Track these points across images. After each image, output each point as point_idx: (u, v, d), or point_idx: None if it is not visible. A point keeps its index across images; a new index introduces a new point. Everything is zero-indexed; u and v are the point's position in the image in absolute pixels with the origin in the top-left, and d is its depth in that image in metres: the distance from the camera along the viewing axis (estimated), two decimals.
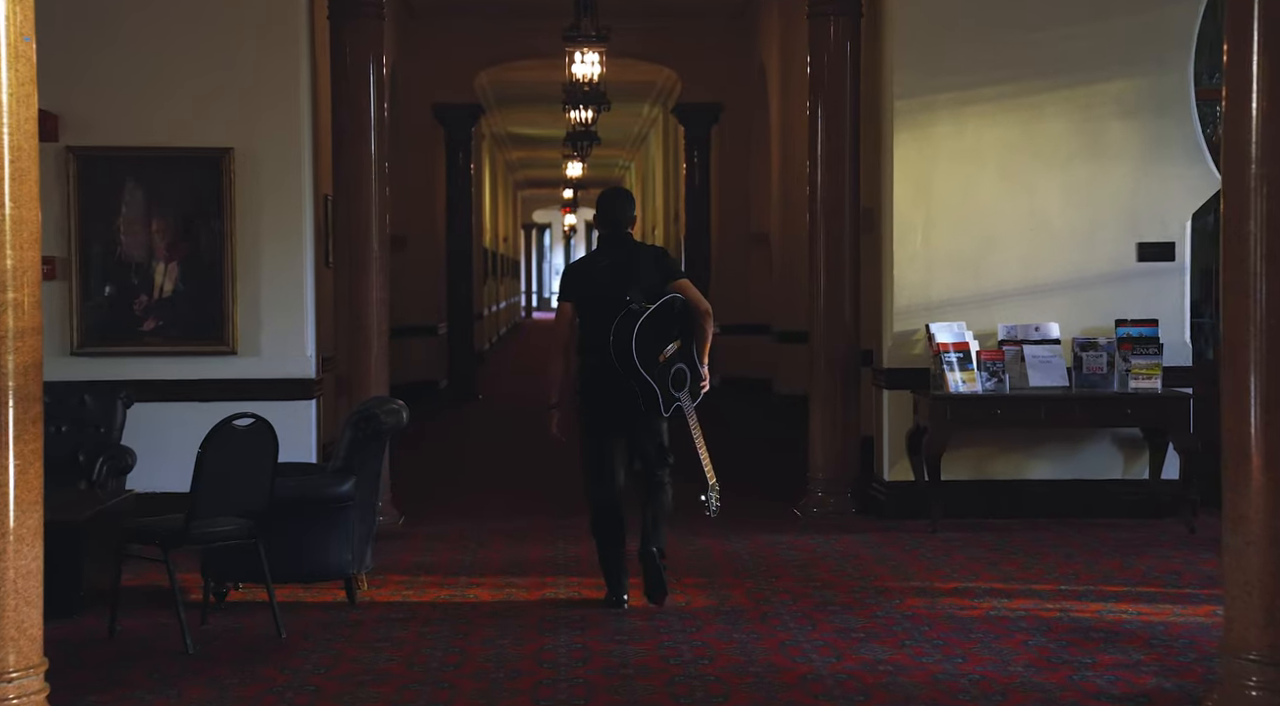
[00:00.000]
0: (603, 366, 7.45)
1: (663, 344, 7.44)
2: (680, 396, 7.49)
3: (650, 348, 7.37)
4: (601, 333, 7.43)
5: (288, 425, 9.85)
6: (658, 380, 7.39)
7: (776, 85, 17.64)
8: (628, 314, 7.36)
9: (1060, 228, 10.30)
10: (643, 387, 7.39)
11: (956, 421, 9.84)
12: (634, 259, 7.63)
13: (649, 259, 7.67)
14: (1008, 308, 10.29)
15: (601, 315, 7.49)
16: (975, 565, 8.72)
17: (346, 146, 10.26)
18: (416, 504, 11.10)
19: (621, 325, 7.33)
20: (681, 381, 7.48)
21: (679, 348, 7.51)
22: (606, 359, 7.40)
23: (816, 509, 10.53)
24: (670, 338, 7.47)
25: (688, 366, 7.52)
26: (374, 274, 10.30)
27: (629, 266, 7.57)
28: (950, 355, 9.92)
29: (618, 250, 7.70)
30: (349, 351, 10.31)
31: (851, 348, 10.58)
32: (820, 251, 10.60)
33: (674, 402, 7.49)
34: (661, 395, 7.42)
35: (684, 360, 7.52)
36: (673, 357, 7.47)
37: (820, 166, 10.56)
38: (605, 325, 7.41)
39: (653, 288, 7.51)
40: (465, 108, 20.30)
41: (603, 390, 7.52)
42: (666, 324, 7.45)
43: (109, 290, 9.90)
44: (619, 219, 7.77)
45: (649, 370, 7.35)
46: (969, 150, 10.30)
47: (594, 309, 7.59)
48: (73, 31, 9.85)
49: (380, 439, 7.83)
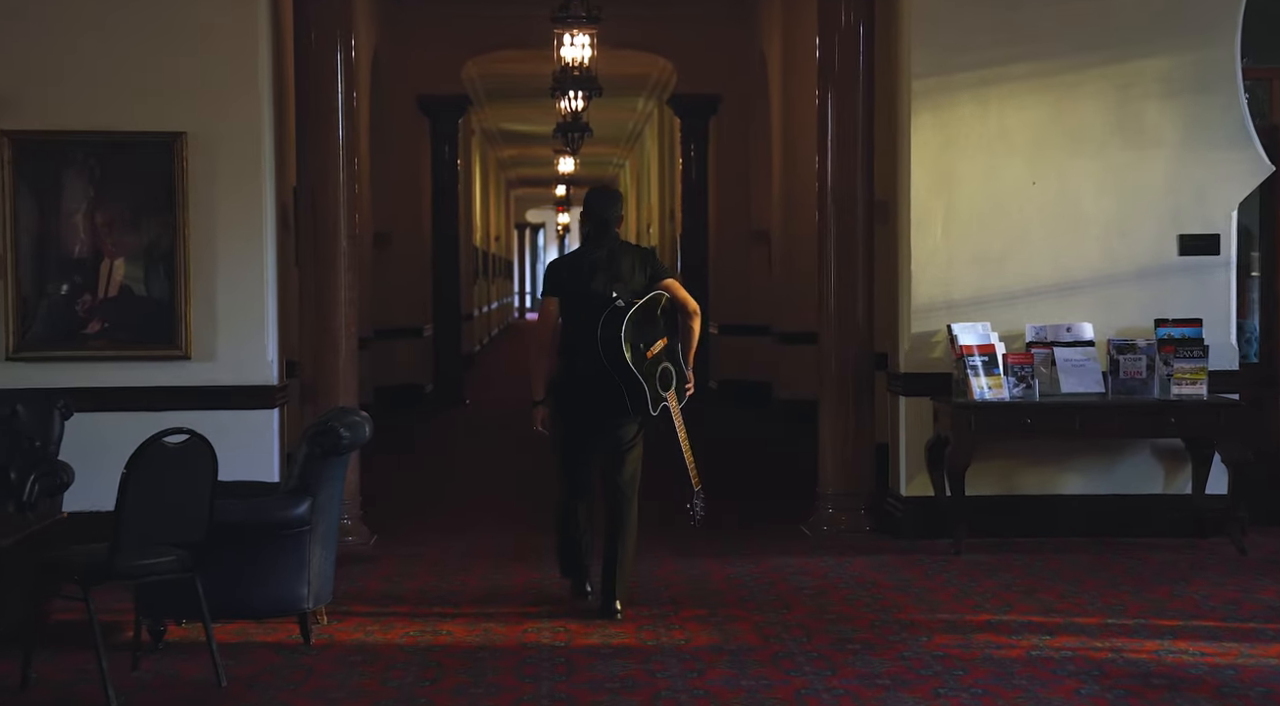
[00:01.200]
0: (584, 365, 7.29)
1: (649, 342, 7.28)
2: (666, 397, 7.33)
3: (638, 345, 7.23)
4: (584, 330, 7.28)
5: (247, 437, 9.07)
6: (646, 378, 7.21)
7: (778, 73, 16.88)
8: (615, 310, 7.19)
9: (1094, 218, 9.40)
10: (630, 386, 7.19)
11: (982, 432, 8.94)
12: (620, 257, 7.49)
13: (636, 258, 7.54)
14: (1036, 306, 9.40)
15: (585, 313, 7.32)
16: (1008, 593, 7.82)
17: (311, 133, 9.38)
18: (392, 520, 10.20)
19: (609, 320, 7.16)
20: (669, 381, 7.34)
21: (665, 346, 7.36)
22: (590, 357, 7.23)
23: (827, 527, 9.64)
24: (657, 335, 7.33)
25: (674, 366, 7.38)
26: (342, 271, 9.41)
27: (615, 265, 7.43)
28: (974, 358, 9.03)
29: (604, 248, 7.53)
30: (314, 356, 9.42)
31: (864, 351, 9.68)
32: (830, 247, 9.70)
33: (661, 402, 7.31)
34: (650, 394, 7.23)
35: (670, 360, 7.37)
36: (659, 356, 7.32)
37: (830, 156, 9.65)
38: (588, 323, 7.26)
39: (639, 287, 7.38)
40: (452, 99, 19.51)
41: (584, 389, 7.34)
42: (653, 322, 7.32)
43: (49, 289, 8.99)
44: (606, 217, 7.59)
45: (637, 367, 7.16)
46: (994, 134, 9.40)
47: (578, 306, 7.41)
48: (5, 3, 8.95)
49: (340, 455, 6.92)
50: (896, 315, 9.62)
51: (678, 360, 7.43)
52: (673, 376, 7.37)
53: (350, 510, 9.43)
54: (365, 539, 9.47)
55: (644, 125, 31.36)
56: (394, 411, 17.64)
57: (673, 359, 7.40)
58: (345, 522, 9.28)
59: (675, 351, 7.44)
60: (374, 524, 9.74)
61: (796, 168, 16.20)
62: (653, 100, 27.37)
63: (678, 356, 7.44)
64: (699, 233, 19.90)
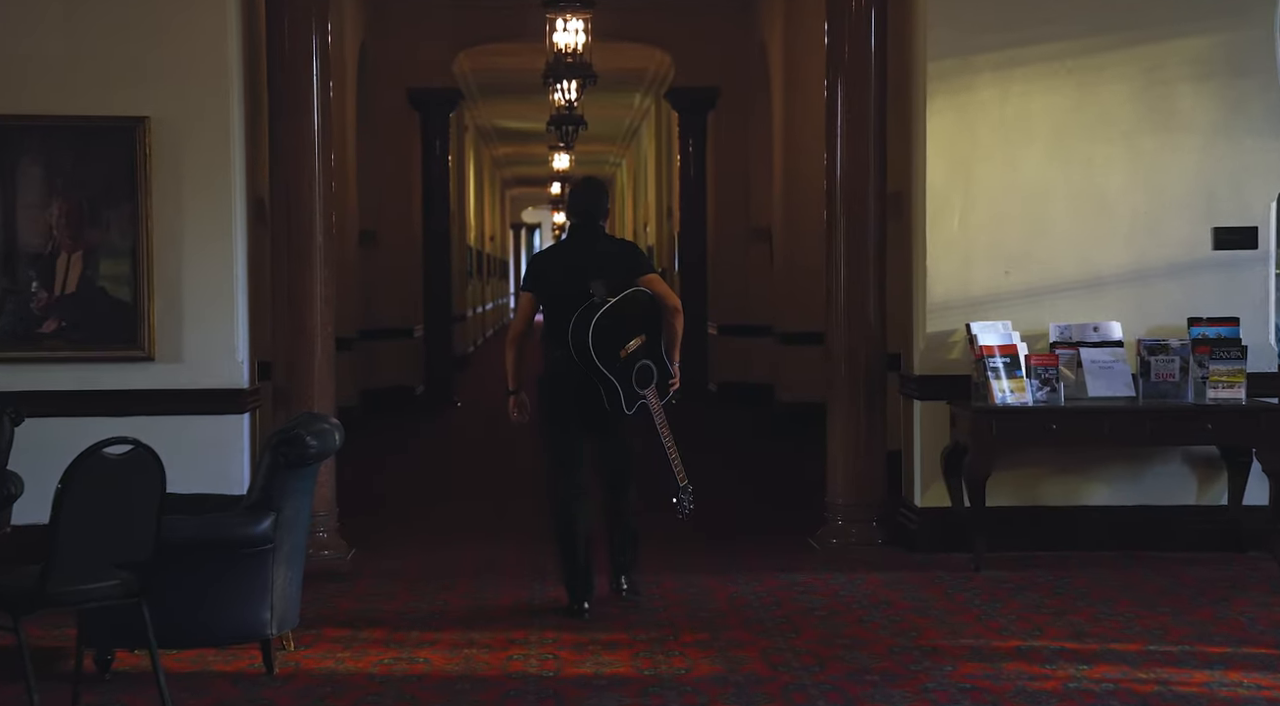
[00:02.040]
0: (566, 361, 7.22)
1: (625, 339, 7.19)
2: (645, 394, 7.23)
3: (611, 342, 7.15)
4: (563, 326, 7.23)
5: (215, 445, 8.49)
6: (619, 376, 7.16)
7: (779, 64, 16.30)
8: (588, 307, 7.13)
9: (1122, 210, 8.79)
10: (604, 384, 7.16)
11: (1004, 439, 8.32)
12: (603, 252, 7.41)
13: (618, 252, 7.48)
14: (1060, 304, 8.79)
15: (565, 308, 7.26)
16: (1037, 615, 7.20)
17: (285, 120, 8.78)
18: (372, 532, 9.58)
19: (580, 318, 7.12)
20: (647, 379, 7.24)
21: (644, 343, 7.26)
22: (567, 354, 7.20)
23: (836, 539, 9.02)
24: (633, 333, 7.22)
25: (655, 364, 7.28)
26: (318, 268, 8.81)
27: (596, 259, 7.34)
28: (995, 360, 8.41)
29: (586, 242, 7.47)
30: (288, 358, 8.82)
31: (877, 352, 9.06)
32: (840, 241, 9.08)
33: (638, 400, 7.24)
34: (623, 392, 7.18)
35: (650, 357, 7.28)
36: (636, 354, 7.22)
37: (840, 145, 9.04)
38: (566, 318, 7.20)
39: (620, 282, 7.27)
40: (442, 92, 18.93)
41: (567, 386, 7.28)
42: (629, 319, 7.22)
43: (2, 286, 8.38)
44: (590, 209, 7.52)
45: (608, 365, 7.13)
46: (1015, 120, 8.79)
47: (558, 301, 7.35)
48: None
49: (307, 466, 6.30)
50: (910, 314, 9.01)
51: (660, 357, 7.32)
52: (653, 374, 7.26)
53: (325, 522, 8.84)
54: (342, 553, 8.86)
55: (641, 122, 30.78)
56: (381, 414, 17.04)
57: (653, 356, 7.28)
58: (320, 535, 8.73)
59: (656, 348, 7.32)
60: (352, 536, 9.14)
61: (799, 161, 15.65)
62: (649, 96, 26.81)
63: (660, 354, 7.33)
64: (697, 230, 19.36)
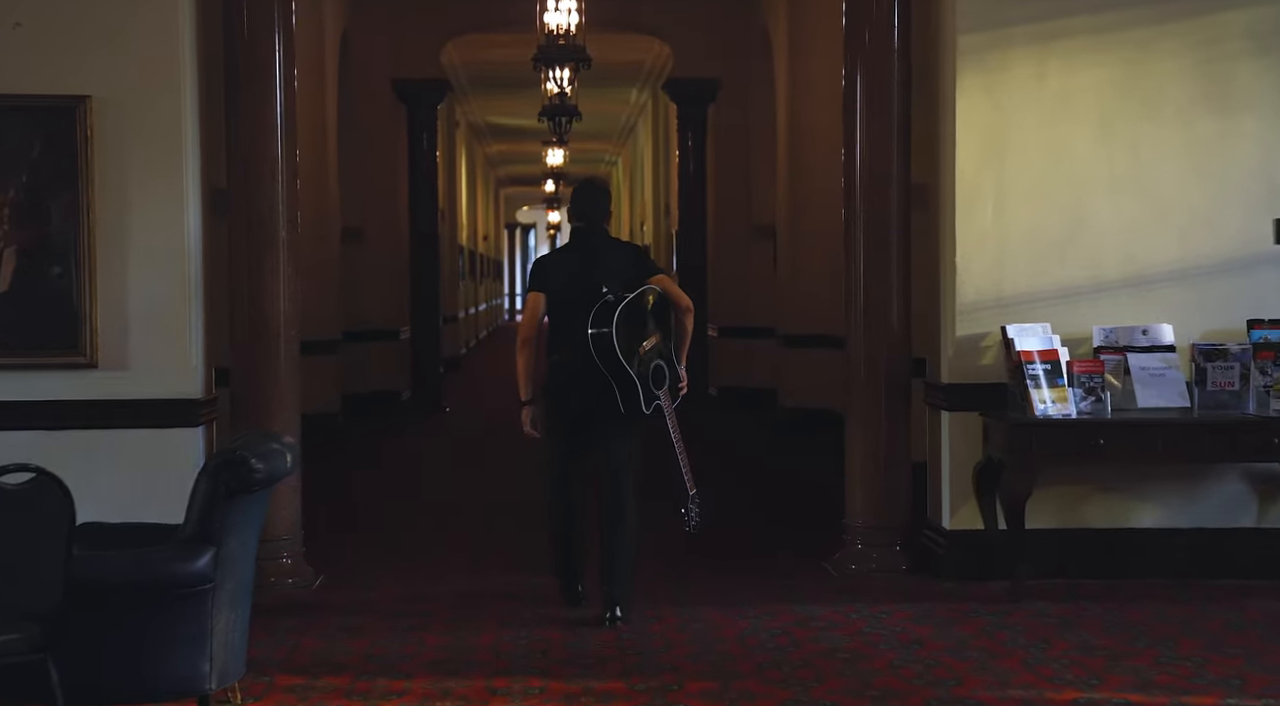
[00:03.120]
0: (574, 363, 7.02)
1: (640, 338, 7.03)
2: (660, 395, 7.08)
3: (631, 340, 6.97)
4: (572, 328, 7.02)
5: (166, 462, 7.61)
6: (639, 375, 6.96)
7: (784, 53, 15.52)
8: (605, 304, 6.94)
9: (1174, 199, 7.93)
10: (623, 384, 6.95)
11: (1045, 454, 7.45)
12: (609, 254, 7.27)
13: (625, 254, 7.35)
14: (1105, 304, 7.93)
15: (573, 309, 7.06)
16: (1091, 659, 6.31)
17: (241, 98, 7.90)
18: (346, 555, 8.73)
19: (600, 315, 6.91)
20: (661, 379, 7.10)
21: (657, 343, 7.13)
22: (579, 355, 6.96)
23: (855, 565, 8.16)
24: (648, 332, 7.08)
25: (666, 364, 7.15)
26: (281, 264, 7.95)
27: (603, 260, 7.19)
28: (1035, 366, 7.54)
29: (591, 244, 7.31)
30: (247, 364, 7.96)
31: (901, 357, 8.20)
32: (860, 237, 8.21)
33: (655, 400, 7.07)
34: (643, 392, 6.99)
35: (662, 357, 7.14)
36: (651, 353, 7.08)
37: (860, 131, 8.18)
38: (576, 320, 6.99)
39: (628, 283, 7.11)
40: (430, 84, 18.10)
41: (574, 389, 7.09)
42: (643, 318, 7.08)
43: None
44: (593, 211, 7.34)
45: (631, 364, 6.92)
46: (1055, 99, 7.93)
47: (565, 303, 7.15)
48: None
49: (252, 493, 5.42)
50: (938, 315, 8.14)
51: (670, 358, 7.19)
52: (665, 375, 7.13)
53: (289, 547, 8.00)
54: (307, 580, 8.00)
55: (637, 118, 29.99)
56: (365, 421, 16.17)
57: (665, 357, 7.16)
58: (283, 561, 7.89)
59: (667, 349, 7.19)
60: (321, 559, 8.28)
61: (805, 155, 14.89)
62: (646, 91, 26.04)
63: (670, 354, 7.20)
64: (696, 229, 18.59)
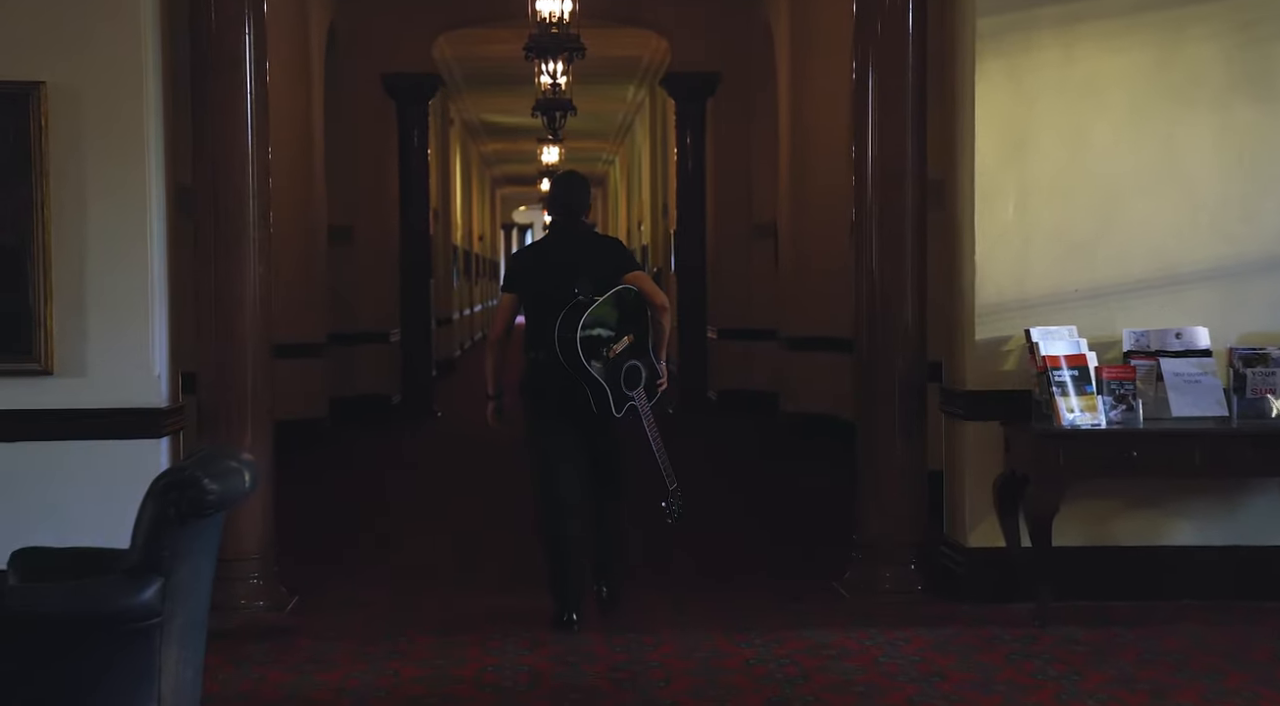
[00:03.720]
0: (550, 363, 6.93)
1: (613, 339, 6.94)
2: (634, 395, 6.99)
3: (598, 342, 6.89)
4: (545, 327, 6.94)
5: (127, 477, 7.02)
6: (607, 378, 6.91)
7: (786, 46, 15.07)
8: (574, 307, 6.86)
9: (1210, 192, 7.40)
10: (592, 386, 6.91)
11: (1074, 468, 6.90)
12: (586, 249, 7.15)
13: (603, 249, 7.22)
14: (1136, 305, 7.40)
15: (548, 308, 6.97)
16: (1131, 695, 5.76)
17: (209, 87, 7.36)
18: (322, 573, 8.20)
19: (567, 318, 6.85)
20: (635, 379, 7.00)
21: (632, 343, 7.01)
22: (551, 355, 6.90)
23: (867, 584, 7.62)
24: (621, 332, 6.98)
25: (643, 364, 7.04)
26: (251, 264, 7.41)
27: (580, 256, 7.07)
28: (1062, 373, 6.99)
29: (569, 239, 7.21)
30: (215, 370, 7.42)
31: (916, 362, 7.66)
32: (872, 235, 7.67)
33: (626, 402, 6.98)
34: (612, 394, 6.92)
35: (639, 357, 7.04)
36: (624, 354, 6.98)
37: (872, 125, 7.63)
38: (549, 319, 6.92)
39: (605, 280, 7.01)
40: (420, 78, 17.60)
41: (551, 389, 6.99)
42: (617, 317, 6.97)
43: None
44: (572, 204, 7.23)
45: (596, 366, 6.87)
46: (1082, 85, 7.39)
47: (541, 301, 7.04)
48: None
49: (204, 517, 4.87)
50: (956, 318, 7.60)
51: (648, 358, 7.08)
52: (641, 374, 7.01)
53: (259, 566, 7.47)
54: (279, 603, 7.46)
55: (634, 116, 29.51)
56: (353, 426, 15.63)
57: (642, 357, 7.03)
58: (254, 582, 7.37)
59: (645, 348, 7.06)
60: (296, 579, 7.75)
61: (808, 151, 14.44)
62: (644, 87, 25.57)
63: (648, 354, 7.08)
64: (696, 228, 18.10)
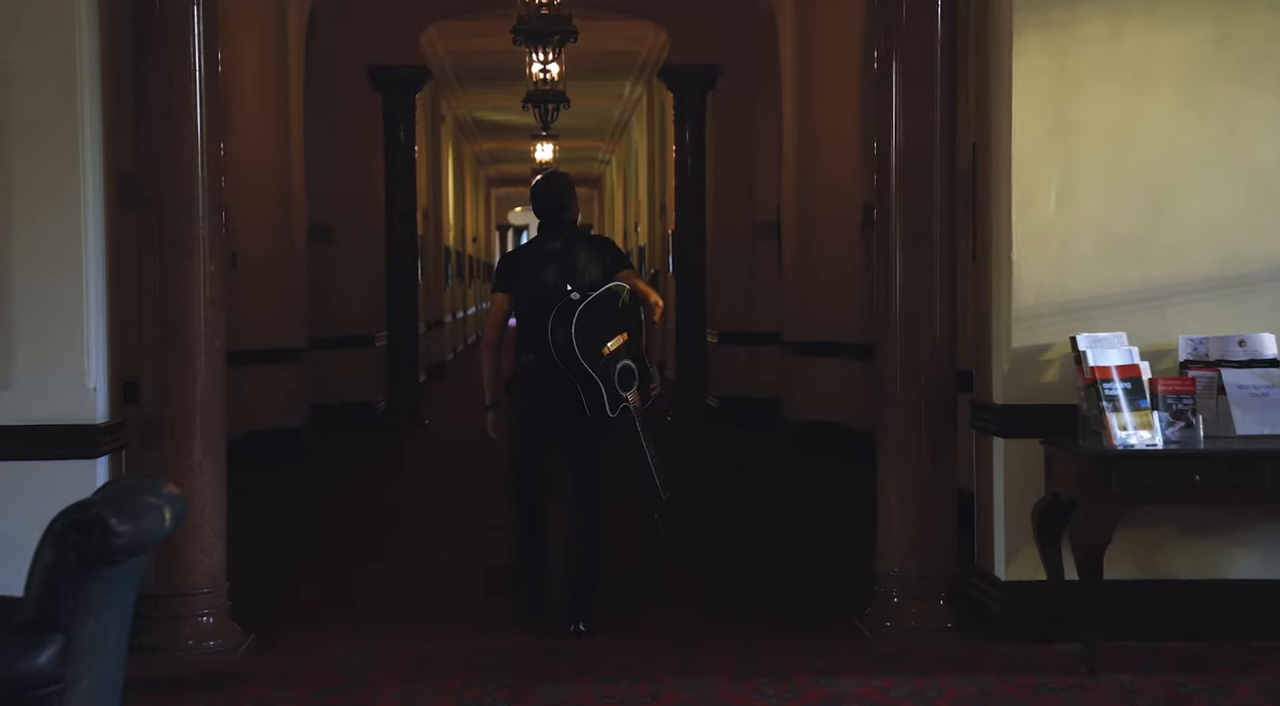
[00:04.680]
0: (541, 364, 6.82)
1: (606, 338, 6.79)
2: (627, 396, 6.83)
3: (594, 340, 6.76)
4: (537, 327, 6.82)
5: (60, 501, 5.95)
6: (602, 376, 6.76)
7: (791, 35, 14.36)
8: (567, 304, 6.77)
9: (1277, 181, 6.60)
10: (586, 385, 6.76)
11: (1130, 493, 6.07)
12: (576, 249, 7.02)
13: (593, 249, 7.07)
14: (1193, 309, 6.61)
15: (538, 308, 6.87)
16: None
17: (152, 59, 6.57)
18: (284, 606, 7.40)
19: (561, 315, 6.75)
20: (629, 380, 6.85)
21: (625, 343, 6.87)
22: (545, 355, 6.80)
23: (891, 622, 6.81)
24: (615, 331, 6.83)
25: (636, 364, 6.88)
26: (200, 263, 6.64)
27: (569, 256, 6.98)
28: (1114, 385, 6.18)
29: (558, 239, 7.06)
30: (160, 380, 6.63)
31: (945, 371, 6.85)
32: (895, 232, 6.86)
33: (620, 403, 6.82)
34: (607, 393, 6.76)
35: (632, 357, 6.88)
36: (618, 353, 6.83)
37: (895, 112, 6.81)
38: (541, 319, 6.81)
39: (596, 279, 6.93)
40: (407, 70, 16.81)
41: (540, 390, 6.87)
42: (610, 316, 6.83)
43: None
44: (556, 205, 7.12)
45: (593, 365, 6.72)
46: (1132, 63, 6.59)
47: (531, 301, 6.93)
48: None
49: (112, 565, 4.07)
50: (989, 323, 6.81)
51: (641, 358, 6.94)
52: (634, 375, 6.87)
53: (211, 602, 6.67)
54: (232, 642, 6.66)
55: (631, 113, 28.75)
56: (335, 434, 14.84)
57: (634, 356, 6.90)
58: (204, 621, 6.62)
59: (637, 348, 6.94)
60: (255, 613, 6.96)
61: (815, 145, 13.74)
62: (641, 84, 24.85)
63: (640, 354, 6.96)
64: (695, 228, 17.29)
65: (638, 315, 6.94)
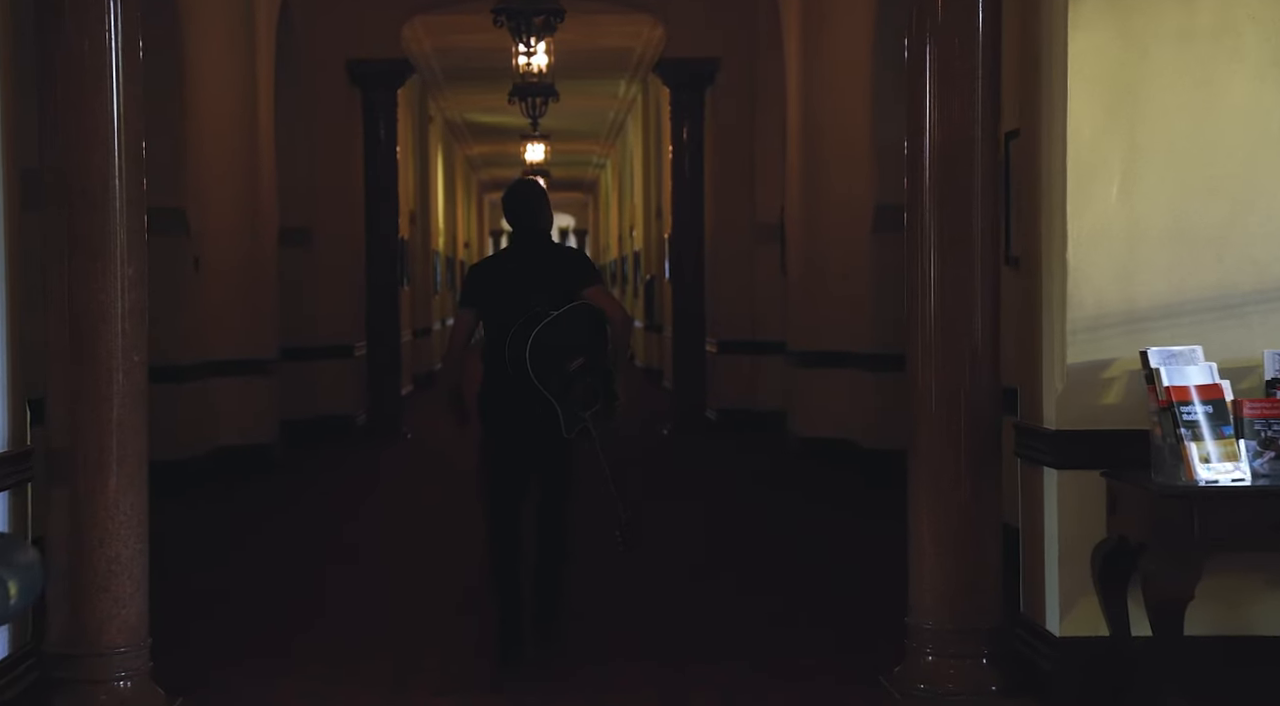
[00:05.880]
0: (506, 379, 6.65)
1: (567, 356, 6.59)
2: (586, 417, 6.64)
3: (551, 359, 6.56)
4: (501, 343, 6.66)
5: None
6: (557, 396, 6.57)
7: (796, 24, 13.70)
8: (525, 322, 6.58)
9: None
10: (542, 406, 6.58)
11: (1217, 536, 5.12)
12: (546, 261, 6.91)
13: (563, 262, 6.98)
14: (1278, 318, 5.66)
15: (503, 324, 6.70)
16: None
17: (55, 29, 5.61)
18: (229, 660, 6.43)
19: (518, 335, 6.57)
20: (593, 399, 6.62)
21: (586, 363, 6.64)
22: (503, 372, 6.64)
23: (925, 684, 5.84)
24: (577, 350, 6.63)
25: (599, 383, 6.65)
26: (117, 265, 5.72)
27: (539, 270, 6.84)
28: (1194, 409, 5.22)
29: (529, 252, 6.95)
30: (69, 404, 5.67)
31: (988, 391, 5.88)
32: (930, 230, 5.89)
33: (578, 423, 6.62)
34: (563, 414, 6.58)
35: (594, 376, 6.66)
36: (577, 373, 6.62)
37: (930, 87, 5.85)
38: (503, 335, 6.65)
39: (565, 293, 6.77)
40: (388, 64, 16.04)
41: (507, 406, 6.73)
42: (572, 335, 6.64)
43: None
44: (528, 215, 6.96)
45: (546, 384, 6.55)
46: (1210, 30, 5.64)
47: (496, 317, 6.77)
48: None
49: None
50: (1038, 335, 5.86)
51: (606, 376, 6.70)
52: (596, 395, 6.64)
53: (129, 662, 5.70)
54: None
55: (626, 114, 27.93)
56: (309, 450, 13.91)
57: (598, 375, 6.64)
58: (121, 685, 5.68)
59: (601, 367, 6.68)
60: (186, 671, 6.02)
61: (821, 142, 13.07)
62: (636, 83, 24.06)
63: (609, 372, 6.73)
64: (693, 231, 16.71)
65: (604, 333, 6.73)
